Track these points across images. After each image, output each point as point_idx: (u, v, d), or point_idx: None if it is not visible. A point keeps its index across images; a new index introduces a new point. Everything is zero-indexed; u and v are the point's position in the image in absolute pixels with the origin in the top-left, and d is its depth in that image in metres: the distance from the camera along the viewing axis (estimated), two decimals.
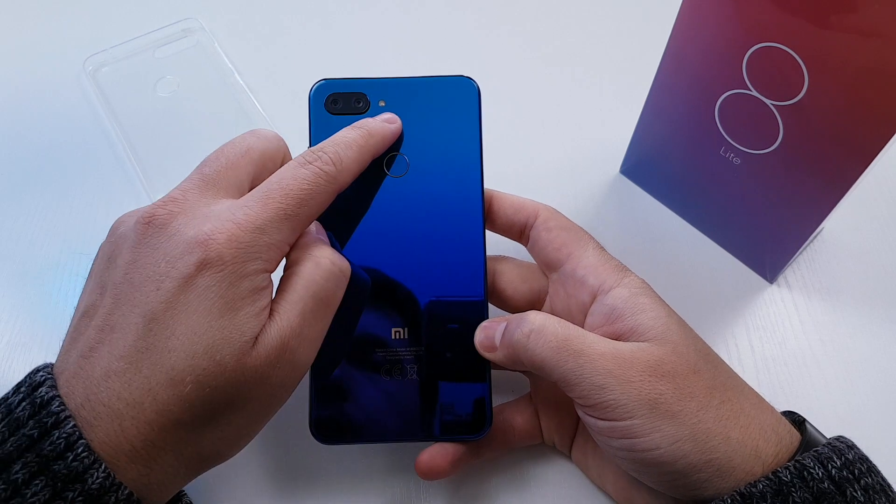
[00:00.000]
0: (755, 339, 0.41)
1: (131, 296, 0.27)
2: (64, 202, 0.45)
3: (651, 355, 0.29)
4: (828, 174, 0.36)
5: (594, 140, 0.50)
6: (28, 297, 0.41)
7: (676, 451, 0.28)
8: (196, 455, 0.27)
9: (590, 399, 0.28)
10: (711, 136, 0.40)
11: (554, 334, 0.29)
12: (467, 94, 0.35)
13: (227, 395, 0.26)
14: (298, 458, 0.36)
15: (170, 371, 0.25)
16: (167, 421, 0.25)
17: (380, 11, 0.57)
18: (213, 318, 0.26)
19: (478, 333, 0.32)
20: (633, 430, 0.28)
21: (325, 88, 0.34)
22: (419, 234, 0.33)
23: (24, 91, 0.51)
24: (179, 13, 0.54)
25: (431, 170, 0.34)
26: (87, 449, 0.24)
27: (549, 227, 0.34)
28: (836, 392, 0.39)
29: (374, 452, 0.36)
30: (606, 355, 0.29)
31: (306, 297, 0.28)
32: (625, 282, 0.32)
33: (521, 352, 0.30)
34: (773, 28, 0.33)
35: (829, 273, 0.44)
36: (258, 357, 0.27)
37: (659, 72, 0.41)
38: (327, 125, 0.34)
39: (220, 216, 0.27)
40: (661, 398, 0.28)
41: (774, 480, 0.27)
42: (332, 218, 0.32)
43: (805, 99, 0.34)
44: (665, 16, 0.39)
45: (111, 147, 0.48)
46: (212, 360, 0.26)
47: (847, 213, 0.46)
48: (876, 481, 0.28)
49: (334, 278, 0.30)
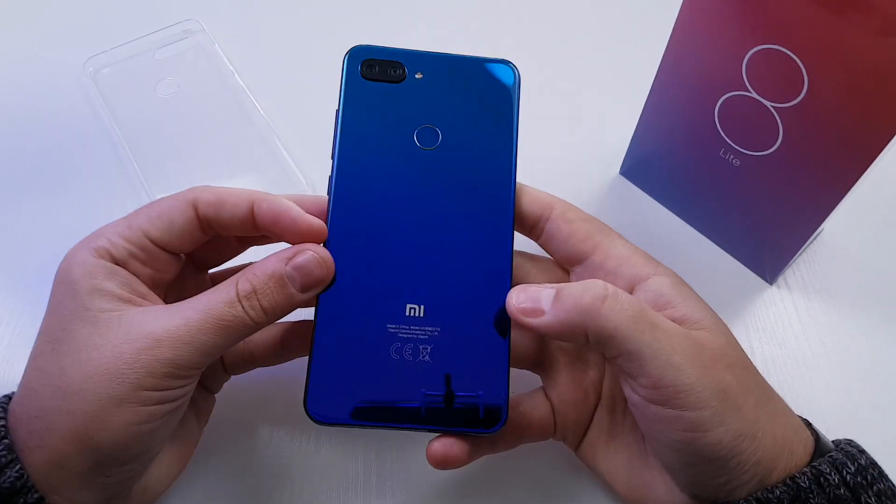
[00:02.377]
0: (755, 341, 0.41)
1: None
2: (64, 203, 0.45)
3: (716, 343, 0.28)
4: (827, 176, 0.36)
5: (594, 141, 0.50)
6: (28, 297, 0.41)
7: (736, 448, 0.27)
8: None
9: (663, 379, 0.26)
10: (711, 137, 0.40)
11: (630, 303, 0.27)
12: (507, 79, 0.34)
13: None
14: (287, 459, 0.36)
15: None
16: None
17: (379, 13, 0.57)
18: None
19: (515, 296, 0.29)
20: (702, 421, 0.26)
21: (361, 53, 0.33)
22: (446, 209, 0.32)
23: (25, 92, 0.51)
24: (180, 15, 0.54)
25: (463, 147, 0.33)
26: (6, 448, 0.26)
27: (570, 219, 0.33)
28: (836, 393, 0.39)
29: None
30: (682, 334, 0.27)
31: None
32: (661, 270, 0.31)
33: (592, 318, 0.27)
34: (773, 30, 0.33)
35: (828, 274, 0.44)
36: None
37: (659, 73, 0.41)
38: (360, 90, 0.32)
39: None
40: (730, 389, 0.27)
41: (792, 486, 0.27)
42: (359, 185, 0.31)
43: (805, 101, 0.34)
44: (665, 17, 0.39)
45: (112, 148, 0.48)
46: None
47: (847, 215, 0.46)
48: (887, 486, 0.28)
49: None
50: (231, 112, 0.49)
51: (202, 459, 0.35)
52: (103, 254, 0.29)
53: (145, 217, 0.31)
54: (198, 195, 0.30)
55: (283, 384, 0.37)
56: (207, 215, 0.30)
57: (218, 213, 0.30)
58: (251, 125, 0.49)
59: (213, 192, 0.31)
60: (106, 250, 0.29)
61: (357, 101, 0.31)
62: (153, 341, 0.27)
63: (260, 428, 0.37)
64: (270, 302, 0.28)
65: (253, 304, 0.28)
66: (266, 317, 0.28)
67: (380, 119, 0.32)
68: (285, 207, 0.30)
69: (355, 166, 0.32)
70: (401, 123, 0.33)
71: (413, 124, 0.32)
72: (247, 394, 0.37)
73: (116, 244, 0.30)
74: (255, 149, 0.48)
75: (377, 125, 0.32)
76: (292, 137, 0.48)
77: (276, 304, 0.28)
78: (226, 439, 0.36)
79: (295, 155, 0.47)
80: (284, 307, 0.29)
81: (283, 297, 0.29)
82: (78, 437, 0.26)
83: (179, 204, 0.30)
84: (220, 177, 0.46)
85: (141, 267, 0.30)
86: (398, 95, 0.33)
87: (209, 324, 0.27)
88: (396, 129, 0.32)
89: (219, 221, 0.31)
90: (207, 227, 0.31)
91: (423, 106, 0.33)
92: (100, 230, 0.31)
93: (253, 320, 0.28)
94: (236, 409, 0.37)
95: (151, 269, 0.31)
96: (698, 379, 0.26)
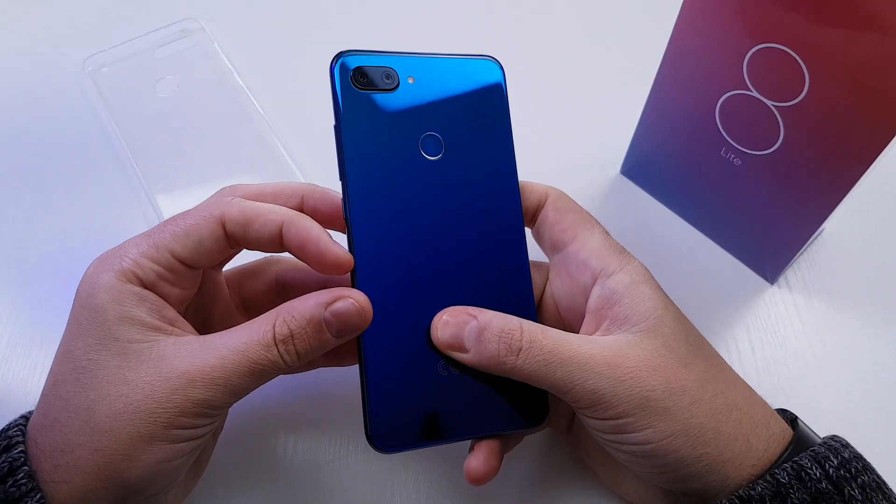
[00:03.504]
0: (756, 340, 0.41)
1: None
2: (64, 202, 0.45)
3: (642, 350, 0.29)
4: (828, 175, 0.36)
5: (594, 140, 0.50)
6: (28, 297, 0.41)
7: (668, 446, 0.28)
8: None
9: (582, 400, 0.28)
10: (712, 136, 0.40)
11: (541, 349, 0.28)
12: (494, 76, 0.33)
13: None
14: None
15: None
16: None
17: (379, 12, 0.57)
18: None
19: (440, 329, 0.30)
20: (626, 427, 0.28)
21: (350, 61, 0.31)
22: (461, 218, 0.32)
23: (24, 91, 0.51)
24: (179, 13, 0.54)
25: (467, 152, 0.32)
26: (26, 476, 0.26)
27: (559, 208, 0.33)
28: (837, 393, 0.39)
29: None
30: (596, 357, 0.28)
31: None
32: (627, 268, 0.31)
33: (508, 370, 0.29)
34: (774, 29, 0.33)
35: (829, 274, 0.44)
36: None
37: (659, 72, 0.41)
38: (356, 103, 0.31)
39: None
40: (653, 394, 0.28)
41: (772, 482, 0.27)
42: (376, 207, 0.30)
43: (806, 100, 0.34)
44: (666, 16, 0.39)
45: (111, 147, 0.48)
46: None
47: (848, 214, 0.46)
48: (872, 479, 0.28)
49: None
50: (230, 111, 0.49)
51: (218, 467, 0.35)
52: (130, 277, 0.28)
53: (171, 236, 0.29)
54: (225, 212, 0.30)
55: (291, 390, 0.37)
56: (235, 233, 0.30)
57: (245, 232, 0.30)
58: (250, 124, 0.49)
59: (240, 210, 0.30)
60: (133, 273, 0.28)
61: (356, 114, 0.30)
62: (187, 381, 0.26)
63: (269, 432, 0.37)
64: (305, 347, 0.28)
65: (289, 348, 0.28)
66: (299, 361, 0.28)
67: (382, 132, 0.31)
68: (314, 236, 0.29)
69: (369, 187, 0.31)
70: (403, 135, 0.32)
71: (415, 134, 0.32)
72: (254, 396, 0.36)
73: (144, 266, 0.29)
74: (253, 147, 0.48)
75: (381, 139, 0.31)
76: (291, 136, 0.48)
77: (310, 350, 0.28)
78: (235, 445, 0.36)
79: (293, 154, 0.47)
80: (318, 352, 0.29)
81: (319, 343, 0.28)
82: (107, 474, 0.26)
83: (207, 222, 0.30)
84: (219, 176, 0.46)
85: (170, 288, 0.30)
86: (395, 104, 0.32)
87: (244, 367, 0.27)
88: (400, 141, 0.31)
89: (246, 240, 0.30)
90: (235, 243, 0.31)
91: (421, 113, 0.32)
92: (122, 248, 0.29)
93: (287, 364, 0.28)
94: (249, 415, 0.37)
95: (180, 288, 0.30)
96: (614, 394, 0.28)
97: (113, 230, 0.44)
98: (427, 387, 0.30)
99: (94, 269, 0.29)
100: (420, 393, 0.30)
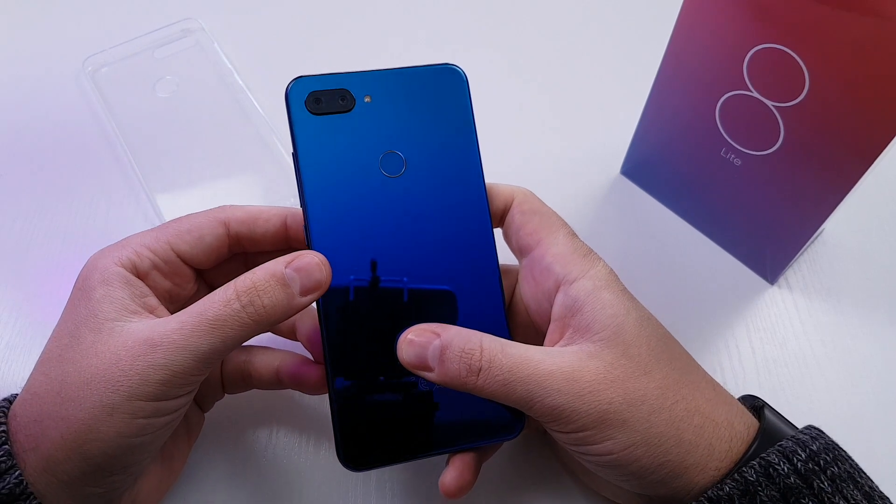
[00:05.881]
0: (756, 341, 0.41)
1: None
2: (63, 202, 0.45)
3: (601, 361, 0.29)
4: (829, 175, 0.36)
5: (594, 141, 0.50)
6: (27, 297, 0.41)
7: (629, 456, 0.28)
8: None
9: (544, 417, 0.29)
10: (712, 137, 0.40)
11: (500, 369, 0.28)
12: (456, 84, 0.33)
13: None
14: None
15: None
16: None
17: (380, 11, 0.57)
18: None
19: (405, 350, 0.29)
20: (587, 439, 0.28)
21: (303, 87, 0.31)
22: (428, 234, 0.31)
23: (24, 91, 0.51)
24: (179, 13, 0.54)
25: (430, 167, 0.32)
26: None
27: (524, 210, 0.33)
28: (837, 393, 0.39)
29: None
30: (555, 374, 0.28)
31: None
32: (590, 273, 0.31)
33: (470, 388, 0.29)
34: (775, 29, 0.33)
35: (829, 274, 0.44)
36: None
37: (660, 72, 0.41)
38: (311, 128, 0.31)
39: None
40: (611, 407, 0.28)
41: (741, 481, 0.27)
42: (329, 229, 0.30)
43: (806, 100, 0.34)
44: (666, 16, 0.39)
45: (110, 147, 0.48)
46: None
47: (848, 214, 0.46)
48: (843, 469, 0.28)
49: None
50: (230, 111, 0.49)
51: (198, 463, 0.35)
52: (126, 264, 0.30)
53: (174, 231, 0.31)
54: (229, 213, 0.32)
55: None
56: (240, 232, 0.32)
57: (252, 229, 0.32)
58: (250, 124, 0.49)
59: (244, 210, 0.32)
60: (130, 260, 0.30)
61: (312, 141, 0.30)
62: (148, 347, 0.27)
63: (255, 429, 0.37)
64: (271, 299, 0.28)
65: (253, 299, 0.28)
66: (266, 313, 0.28)
67: (340, 156, 0.31)
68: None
69: (328, 216, 0.31)
70: (362, 156, 0.31)
71: (374, 154, 0.31)
72: (239, 397, 0.37)
73: (141, 254, 0.30)
74: (253, 147, 0.48)
75: (339, 163, 0.31)
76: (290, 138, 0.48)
77: (276, 303, 0.28)
78: (222, 442, 0.36)
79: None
80: (284, 309, 0.28)
81: (285, 296, 0.28)
82: (68, 444, 0.26)
83: (210, 221, 0.32)
84: (219, 175, 0.46)
85: (161, 279, 0.31)
86: (351, 126, 0.31)
87: (204, 325, 0.27)
88: (359, 163, 0.31)
89: (252, 237, 0.32)
90: (236, 245, 0.33)
91: (380, 132, 0.32)
92: (128, 239, 0.31)
93: (251, 318, 0.28)
94: (231, 410, 0.37)
95: (171, 282, 0.32)
96: (573, 410, 0.28)
97: (113, 230, 0.44)
98: (398, 403, 0.30)
99: (96, 256, 0.30)
100: (391, 410, 0.30)
